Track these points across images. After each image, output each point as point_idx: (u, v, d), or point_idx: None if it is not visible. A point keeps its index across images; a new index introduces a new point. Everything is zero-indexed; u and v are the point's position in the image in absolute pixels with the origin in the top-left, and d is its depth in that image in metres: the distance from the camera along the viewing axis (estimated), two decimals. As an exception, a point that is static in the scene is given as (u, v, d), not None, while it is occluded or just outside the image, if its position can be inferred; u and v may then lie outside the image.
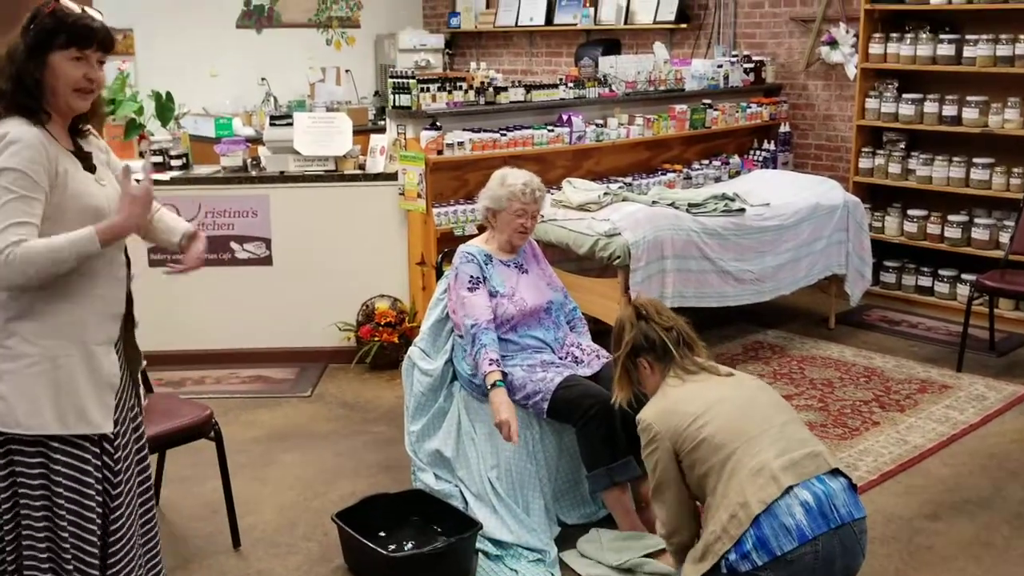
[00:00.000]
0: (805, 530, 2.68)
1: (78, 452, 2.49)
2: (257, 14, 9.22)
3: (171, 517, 3.86)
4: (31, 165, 2.34)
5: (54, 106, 2.44)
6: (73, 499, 2.49)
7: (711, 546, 2.77)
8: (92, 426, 2.49)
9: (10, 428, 2.41)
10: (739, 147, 7.12)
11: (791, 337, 5.98)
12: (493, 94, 5.83)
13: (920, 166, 6.49)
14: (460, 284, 3.77)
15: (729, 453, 2.80)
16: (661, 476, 2.93)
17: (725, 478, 2.79)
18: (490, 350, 3.61)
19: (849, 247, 5.94)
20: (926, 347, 5.81)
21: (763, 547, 2.68)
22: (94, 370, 2.50)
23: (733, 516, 2.73)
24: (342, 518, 3.46)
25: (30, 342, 2.42)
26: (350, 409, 4.97)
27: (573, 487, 3.75)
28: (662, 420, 2.92)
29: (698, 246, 5.22)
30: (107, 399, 2.54)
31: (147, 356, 3.81)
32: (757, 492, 2.72)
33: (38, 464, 2.46)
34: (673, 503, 2.94)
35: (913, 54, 6.40)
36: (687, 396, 2.96)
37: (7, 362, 2.42)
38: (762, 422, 2.87)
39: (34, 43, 2.38)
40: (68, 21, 2.40)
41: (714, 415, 2.87)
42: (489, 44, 9.69)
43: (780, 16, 7.46)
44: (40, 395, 2.42)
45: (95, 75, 2.46)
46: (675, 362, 3.06)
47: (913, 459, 4.31)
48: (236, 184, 5.50)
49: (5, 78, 2.38)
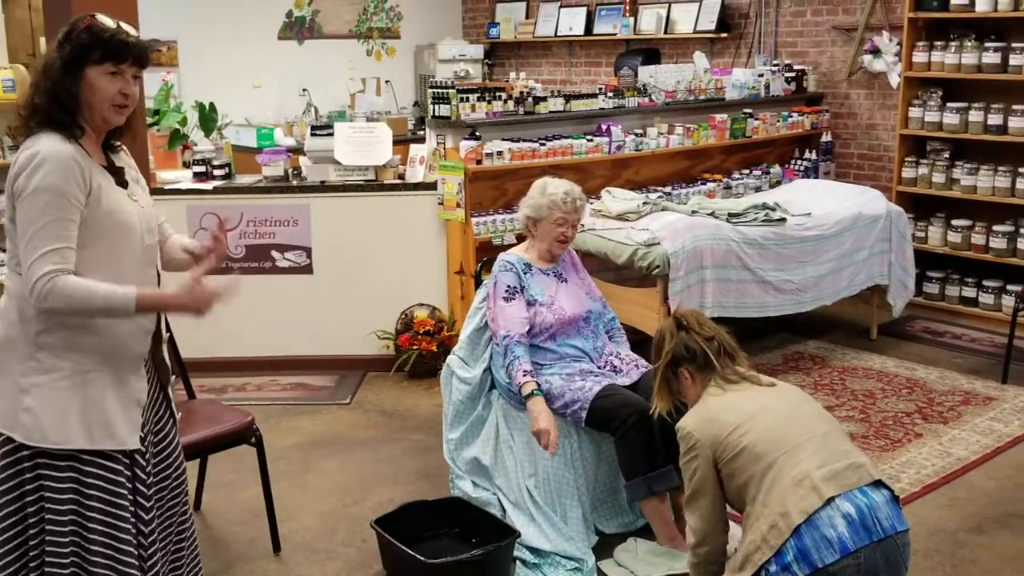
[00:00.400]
0: (847, 542, 2.65)
1: (110, 465, 2.48)
2: (299, 25, 9.32)
3: (212, 522, 3.91)
4: (65, 185, 2.34)
5: (89, 121, 2.46)
6: (106, 511, 2.48)
7: (751, 556, 2.75)
8: (117, 441, 2.48)
9: (37, 442, 2.41)
10: (780, 157, 7.08)
11: (832, 348, 5.94)
12: (532, 104, 5.85)
13: (965, 176, 6.42)
14: (497, 293, 3.79)
15: (770, 463, 2.78)
16: (698, 484, 2.91)
17: (766, 488, 2.77)
18: (523, 361, 3.63)
19: (892, 257, 5.88)
20: (970, 358, 5.74)
21: (804, 559, 2.65)
22: (123, 386, 2.50)
23: (773, 526, 2.71)
24: (381, 525, 3.48)
25: (61, 356, 2.43)
26: (389, 417, 5.00)
27: (611, 496, 3.75)
28: (703, 428, 2.91)
29: (738, 256, 5.20)
30: (134, 415, 2.54)
31: (189, 363, 3.90)
32: (798, 502, 2.69)
33: (68, 479, 2.45)
34: (707, 511, 2.92)
35: (958, 62, 6.34)
36: (728, 405, 2.95)
37: (37, 375, 2.42)
38: (804, 432, 2.84)
39: (70, 58, 2.40)
40: (104, 37, 2.41)
41: (755, 424, 2.85)
42: (528, 54, 9.73)
43: (822, 25, 7.42)
44: (68, 410, 2.42)
45: (130, 90, 2.47)
46: (716, 372, 3.04)
47: (956, 471, 4.26)
48: (277, 193, 5.56)
49: (40, 93, 2.40)
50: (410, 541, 3.39)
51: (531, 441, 3.69)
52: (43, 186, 2.33)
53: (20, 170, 2.36)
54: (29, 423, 2.41)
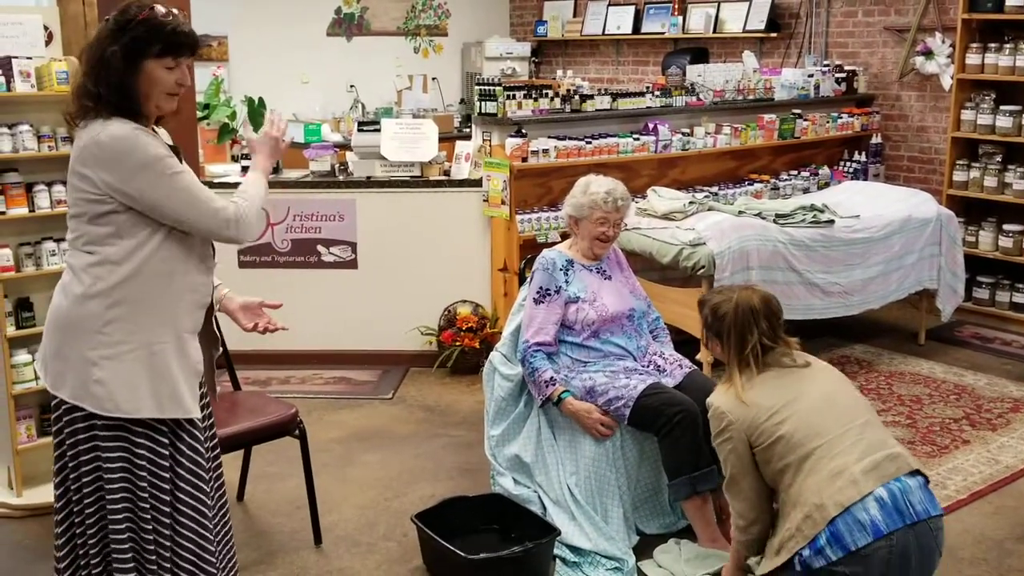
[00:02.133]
0: (880, 525, 2.66)
1: (156, 437, 2.57)
2: (347, 22, 9.38)
3: (255, 512, 3.95)
4: (159, 150, 2.47)
5: (144, 108, 2.52)
6: (155, 474, 2.57)
7: (786, 543, 2.77)
8: (184, 410, 2.57)
9: (109, 412, 2.50)
10: (829, 158, 7.01)
11: (879, 352, 5.87)
12: (579, 102, 5.84)
13: (1017, 180, 6.31)
14: (531, 292, 3.81)
15: (808, 452, 2.79)
16: (736, 468, 2.92)
17: (803, 476, 2.78)
18: (542, 371, 3.67)
19: (941, 261, 5.80)
20: (1020, 365, 5.65)
21: (837, 542, 2.67)
22: (185, 356, 2.60)
23: (808, 516, 2.72)
24: (421, 519, 3.49)
25: (128, 329, 2.51)
26: (431, 412, 5.02)
27: (653, 496, 3.73)
28: (737, 411, 2.91)
29: (785, 257, 5.15)
30: (194, 384, 2.63)
31: (235, 355, 3.94)
32: (835, 495, 2.71)
33: (119, 447, 2.54)
34: (750, 493, 2.92)
35: (1012, 64, 6.24)
36: (765, 387, 2.94)
37: (106, 348, 2.50)
38: (843, 422, 2.84)
39: (129, 51, 2.45)
40: (164, 31, 2.47)
41: (792, 412, 2.85)
42: (575, 52, 9.71)
43: (874, 25, 7.33)
44: (138, 381, 2.51)
45: (186, 80, 2.56)
46: (750, 347, 3.01)
47: (1005, 479, 4.19)
48: (324, 188, 5.60)
49: (103, 84, 2.45)
50: (450, 536, 3.40)
51: (573, 439, 3.69)
52: (147, 159, 2.44)
53: (110, 154, 2.43)
54: (101, 394, 2.49)
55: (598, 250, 3.87)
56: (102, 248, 2.50)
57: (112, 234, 2.49)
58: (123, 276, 2.50)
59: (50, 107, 3.97)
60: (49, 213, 3.95)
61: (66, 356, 2.53)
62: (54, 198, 3.96)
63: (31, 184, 3.94)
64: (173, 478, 2.60)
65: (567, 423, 3.70)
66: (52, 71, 3.91)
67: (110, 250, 2.50)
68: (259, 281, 5.51)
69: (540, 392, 3.69)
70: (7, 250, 3.87)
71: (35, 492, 3.95)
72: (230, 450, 3.52)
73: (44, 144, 3.95)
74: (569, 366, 3.76)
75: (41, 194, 3.95)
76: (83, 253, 2.52)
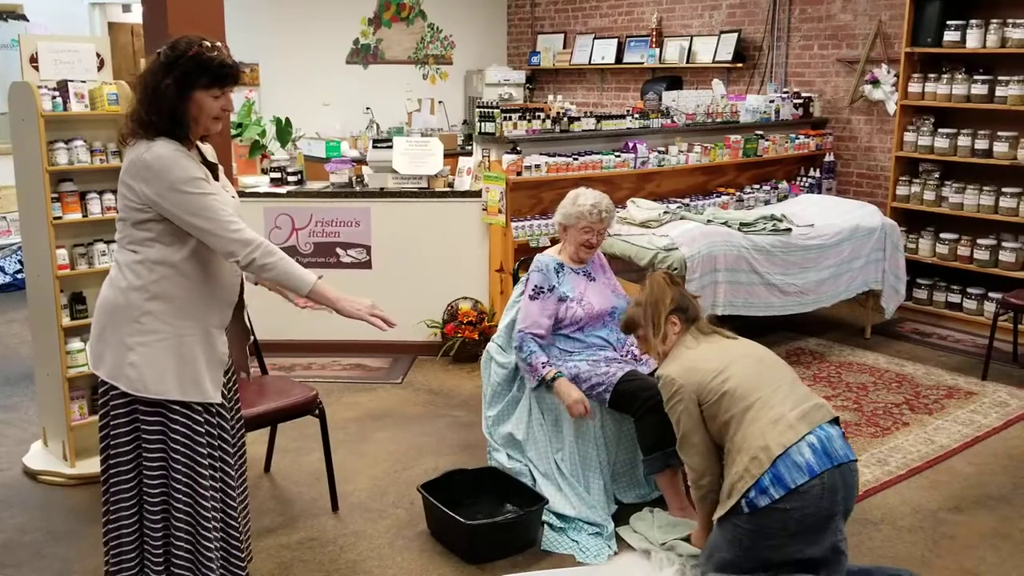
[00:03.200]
0: (813, 466, 2.75)
1: (194, 416, 2.58)
2: (364, 52, 9.38)
3: (280, 482, 3.95)
4: (198, 171, 2.48)
5: (192, 132, 2.55)
6: (188, 455, 2.58)
7: (735, 484, 2.82)
8: (204, 395, 2.58)
9: (139, 392, 2.52)
10: (787, 174, 7.02)
11: (830, 345, 5.88)
12: (567, 123, 5.85)
13: (953, 194, 6.33)
14: (527, 289, 3.81)
15: (750, 404, 2.87)
16: (687, 426, 2.98)
17: (745, 425, 2.85)
18: (538, 355, 3.67)
19: (885, 265, 5.82)
20: (954, 357, 5.67)
21: (779, 482, 2.74)
22: (211, 348, 2.61)
23: (754, 458, 2.78)
24: (426, 489, 3.50)
25: (162, 320, 2.53)
26: (435, 395, 5.03)
27: (630, 470, 3.75)
28: (686, 376, 2.99)
29: (748, 261, 5.17)
30: (218, 374, 2.63)
31: (263, 344, 3.95)
32: (777, 437, 2.78)
33: (157, 423, 2.56)
34: (701, 448, 2.98)
35: (949, 92, 6.25)
36: (705, 355, 3.04)
37: (141, 336, 2.52)
38: (776, 379, 2.95)
39: (182, 83, 2.46)
40: (212, 65, 2.48)
41: (734, 371, 2.94)
42: (565, 80, 9.72)
43: (827, 57, 7.34)
44: (166, 366, 2.53)
45: (231, 107, 2.59)
46: (697, 323, 3.15)
47: (939, 457, 4.21)
48: (342, 198, 5.60)
49: (155, 111, 2.46)
50: (452, 504, 3.41)
51: (559, 419, 3.70)
52: (182, 178, 2.44)
53: (151, 171, 2.44)
54: (133, 375, 2.52)
55: (583, 255, 3.88)
56: (143, 249, 2.53)
57: (151, 238, 2.52)
58: (160, 275, 2.52)
59: (102, 125, 3.99)
60: (100, 218, 3.96)
61: (107, 340, 2.56)
62: (104, 205, 3.97)
63: (84, 192, 3.94)
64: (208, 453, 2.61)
65: (555, 405, 3.71)
66: (103, 93, 3.92)
67: (150, 251, 2.52)
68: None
69: (535, 373, 3.67)
70: (63, 250, 3.88)
71: (86, 463, 3.96)
72: (258, 427, 3.53)
73: (96, 157, 3.95)
74: (556, 356, 3.76)
75: (93, 201, 3.95)
76: (127, 251, 2.55)
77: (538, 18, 9.97)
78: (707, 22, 8.30)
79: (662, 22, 8.64)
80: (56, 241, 3.85)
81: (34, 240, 3.94)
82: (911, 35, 6.37)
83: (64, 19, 7.72)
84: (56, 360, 3.92)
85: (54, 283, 3.86)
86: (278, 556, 3.33)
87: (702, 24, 8.35)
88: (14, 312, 6.55)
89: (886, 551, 3.40)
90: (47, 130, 3.79)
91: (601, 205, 3.80)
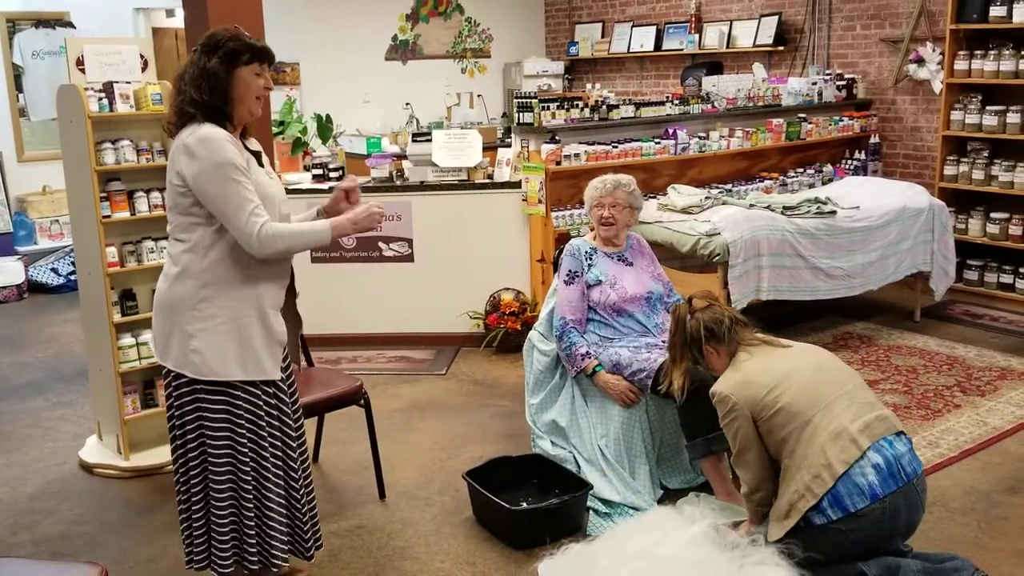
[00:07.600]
0: (876, 490, 2.67)
1: (257, 392, 2.67)
2: (403, 48, 9.44)
3: (328, 471, 4.01)
4: (235, 157, 2.54)
5: (236, 116, 2.63)
6: (254, 432, 2.67)
7: (795, 504, 2.74)
8: (265, 373, 2.67)
9: (205, 376, 2.60)
10: (832, 157, 6.93)
11: (878, 328, 5.80)
12: (606, 111, 5.84)
13: (1003, 172, 6.21)
14: (561, 274, 3.83)
15: (808, 419, 2.78)
16: (742, 442, 2.91)
17: (805, 441, 2.77)
18: (579, 346, 3.68)
19: (934, 247, 5.72)
20: (1007, 338, 5.56)
21: (838, 504, 2.67)
22: (267, 328, 2.68)
23: (816, 476, 2.70)
24: (471, 476, 3.53)
25: (217, 305, 2.61)
26: (479, 385, 5.06)
27: (674, 455, 3.74)
28: (740, 392, 2.91)
29: (792, 245, 5.12)
30: (276, 352, 2.71)
31: (309, 338, 4.00)
32: (839, 454, 2.70)
33: (222, 405, 2.64)
34: (756, 464, 2.92)
35: (996, 69, 6.13)
36: (759, 368, 2.94)
37: (200, 322, 2.61)
38: (834, 389, 2.85)
39: (226, 59, 2.57)
40: (251, 43, 2.61)
41: (790, 385, 2.85)
42: (603, 69, 9.69)
43: (871, 37, 7.23)
44: (227, 349, 2.61)
45: (270, 84, 2.68)
46: (738, 341, 3.04)
47: (992, 439, 4.13)
48: (383, 192, 5.64)
49: (207, 91, 2.56)
50: (496, 491, 3.43)
51: (603, 406, 3.71)
52: (220, 160, 2.51)
53: (193, 150, 2.52)
54: (198, 361, 2.61)
55: (603, 233, 3.87)
56: (191, 236, 2.60)
57: (198, 223, 2.59)
58: (211, 261, 2.60)
59: (147, 124, 4.07)
60: (148, 216, 4.04)
61: (169, 331, 2.64)
62: (151, 203, 4.05)
63: (132, 191, 4.02)
64: (269, 433, 2.70)
65: (597, 392, 3.71)
66: (148, 94, 4.00)
67: (198, 237, 2.60)
68: (330, 274, 5.59)
69: (575, 364, 3.70)
70: (112, 248, 3.97)
71: (139, 456, 4.05)
72: (306, 417, 3.56)
73: (142, 156, 4.03)
74: (597, 342, 3.77)
75: (140, 200, 4.04)
76: (177, 242, 2.64)
77: (575, 8, 9.95)
78: (747, 6, 8.22)
79: (701, 7, 8.58)
80: (105, 239, 3.94)
81: (85, 239, 4.04)
82: (956, 11, 6.26)
83: (110, 25, 7.88)
84: (108, 356, 4.01)
85: (104, 280, 3.95)
86: (328, 543, 3.38)
87: (742, 8, 8.27)
88: (69, 312, 6.71)
89: (939, 533, 3.35)
90: (94, 131, 3.88)
91: (611, 178, 3.82)
